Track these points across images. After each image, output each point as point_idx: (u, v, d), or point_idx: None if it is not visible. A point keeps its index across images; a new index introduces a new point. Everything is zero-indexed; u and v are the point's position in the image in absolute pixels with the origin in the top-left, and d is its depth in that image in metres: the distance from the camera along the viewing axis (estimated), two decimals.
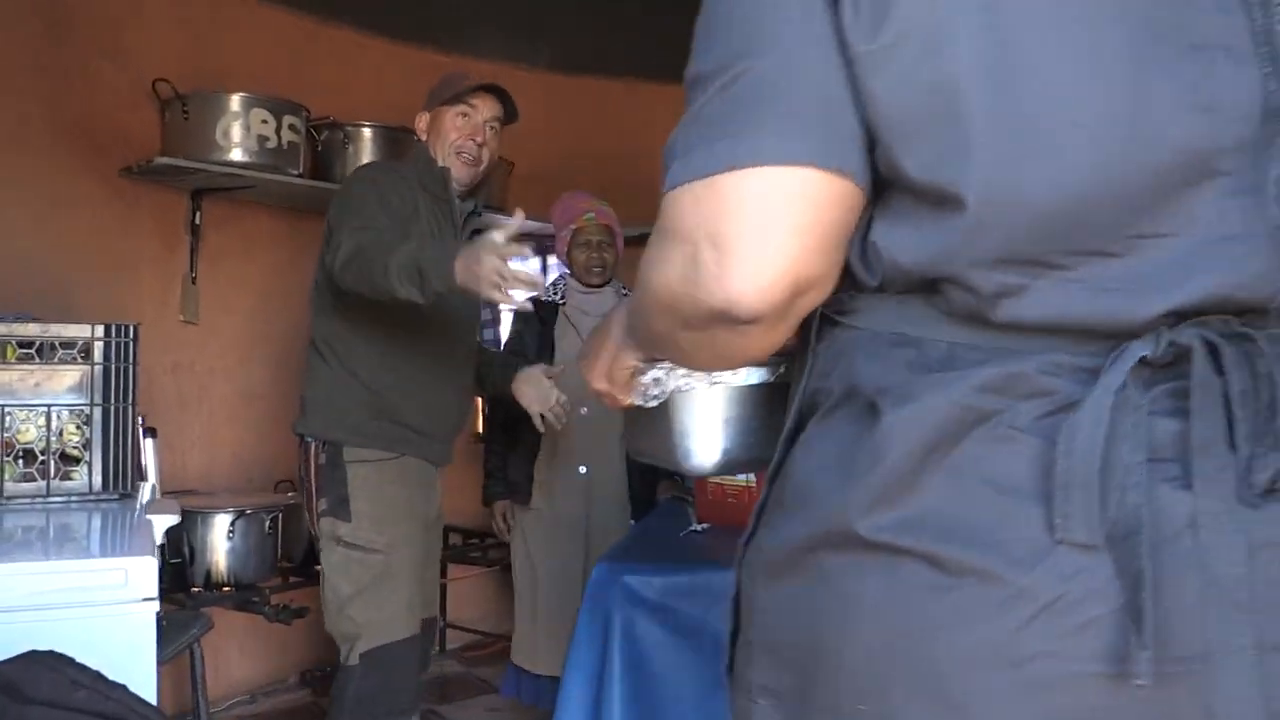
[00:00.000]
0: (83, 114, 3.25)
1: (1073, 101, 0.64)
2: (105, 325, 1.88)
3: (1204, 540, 0.65)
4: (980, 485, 0.67)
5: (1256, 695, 0.63)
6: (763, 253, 0.66)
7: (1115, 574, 0.64)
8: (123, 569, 1.29)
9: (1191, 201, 0.66)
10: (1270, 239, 0.66)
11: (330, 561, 2.26)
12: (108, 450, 1.88)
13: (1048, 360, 0.68)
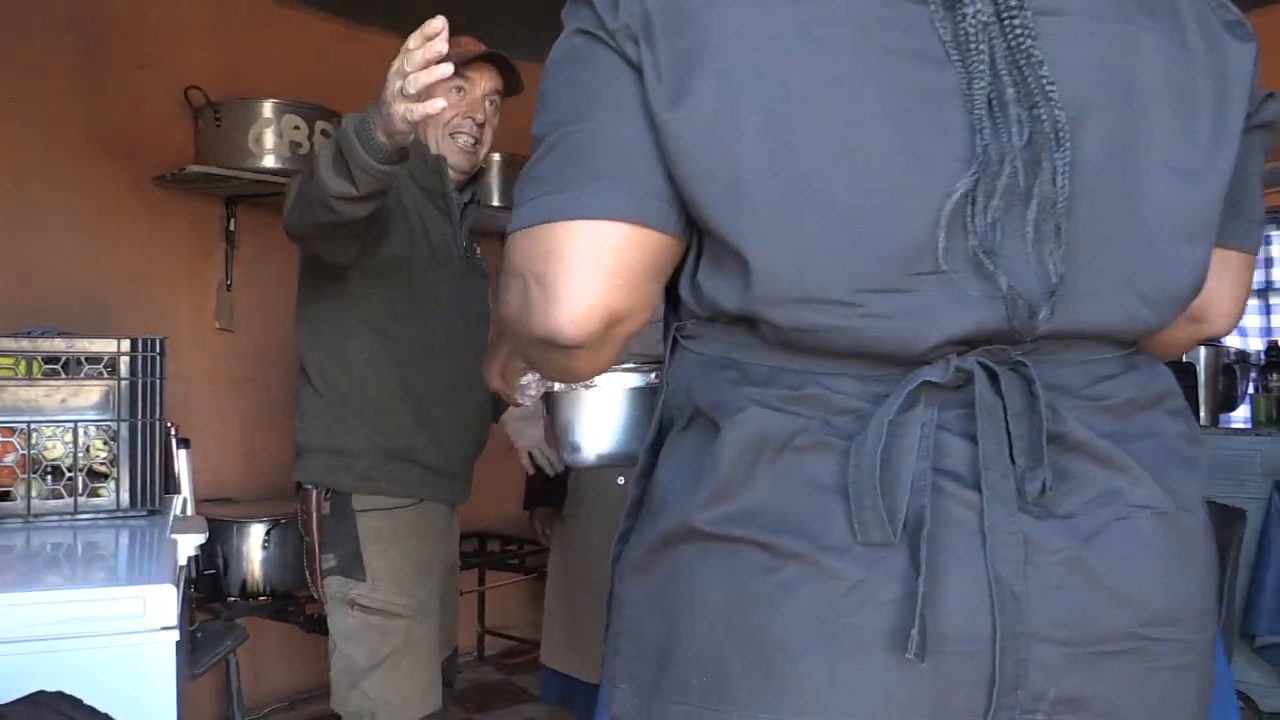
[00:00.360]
0: (118, 124, 3.25)
1: (839, 168, 0.75)
2: (131, 339, 1.84)
3: (990, 541, 0.76)
4: (802, 485, 0.78)
5: (1013, 673, 0.75)
6: (578, 291, 0.78)
7: (909, 565, 0.75)
8: (141, 597, 1.25)
9: (958, 244, 0.76)
10: (1034, 269, 0.78)
11: (342, 628, 1.93)
12: (135, 466, 1.85)
13: (851, 382, 0.79)
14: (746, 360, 0.83)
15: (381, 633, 1.90)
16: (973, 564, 0.76)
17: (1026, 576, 0.76)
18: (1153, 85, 0.81)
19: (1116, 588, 0.78)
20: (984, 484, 0.76)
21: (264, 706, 3.42)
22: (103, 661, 1.23)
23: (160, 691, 1.25)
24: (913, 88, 0.76)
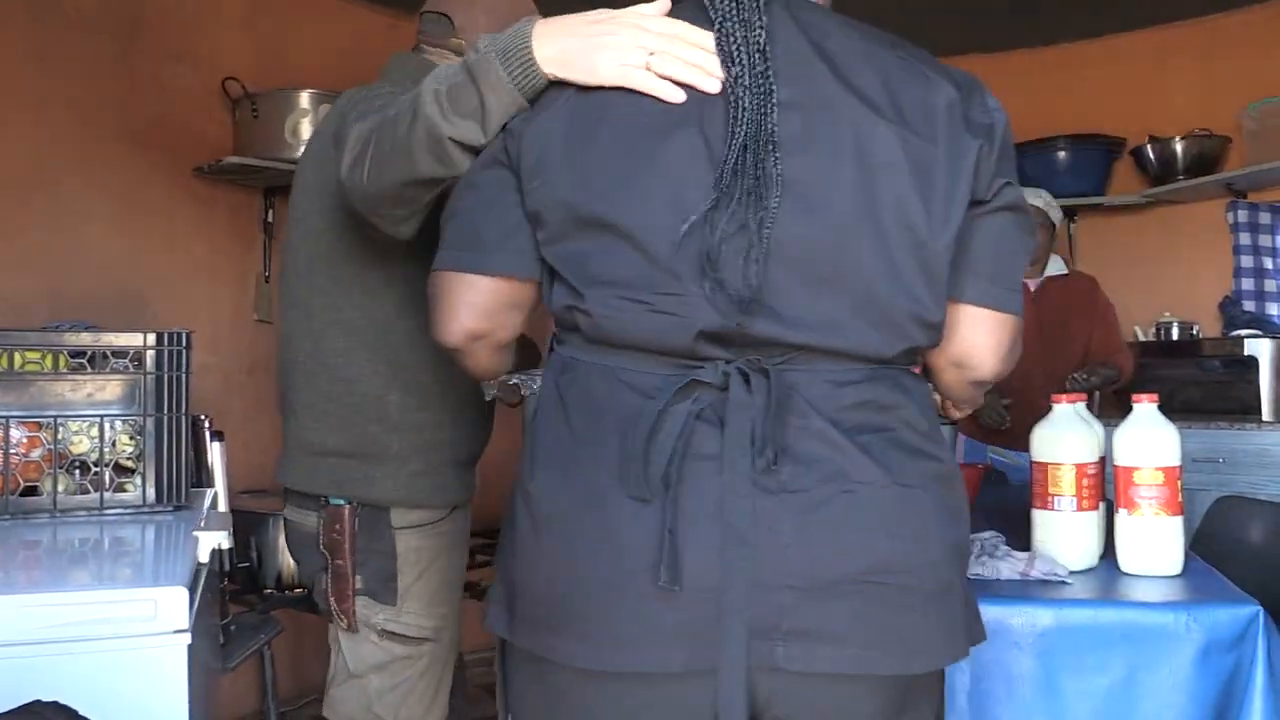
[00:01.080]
0: (154, 116, 3.26)
1: (624, 212, 1.04)
2: (157, 333, 1.82)
3: (726, 504, 1.00)
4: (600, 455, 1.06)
5: (749, 610, 1.00)
6: (448, 316, 1.14)
7: (661, 519, 1.00)
8: (152, 599, 1.22)
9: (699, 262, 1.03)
10: (745, 284, 1.02)
11: (359, 653, 1.69)
12: (161, 461, 1.83)
13: (643, 371, 1.07)
14: (579, 358, 1.12)
15: (404, 660, 1.69)
16: (710, 525, 1.01)
17: (759, 536, 1.00)
18: (891, 162, 1.04)
19: (840, 545, 1.02)
20: (724, 462, 1.01)
21: (303, 698, 3.42)
22: (113, 665, 1.21)
23: (172, 695, 1.22)
24: (680, 151, 1.04)
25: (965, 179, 1.07)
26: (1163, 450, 1.67)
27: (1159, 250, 4.28)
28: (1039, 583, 1.61)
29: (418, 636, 1.69)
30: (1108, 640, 1.47)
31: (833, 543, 1.02)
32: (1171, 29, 4.20)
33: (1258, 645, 1.45)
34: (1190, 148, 3.98)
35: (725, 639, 1.00)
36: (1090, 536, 1.71)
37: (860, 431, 1.05)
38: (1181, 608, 1.48)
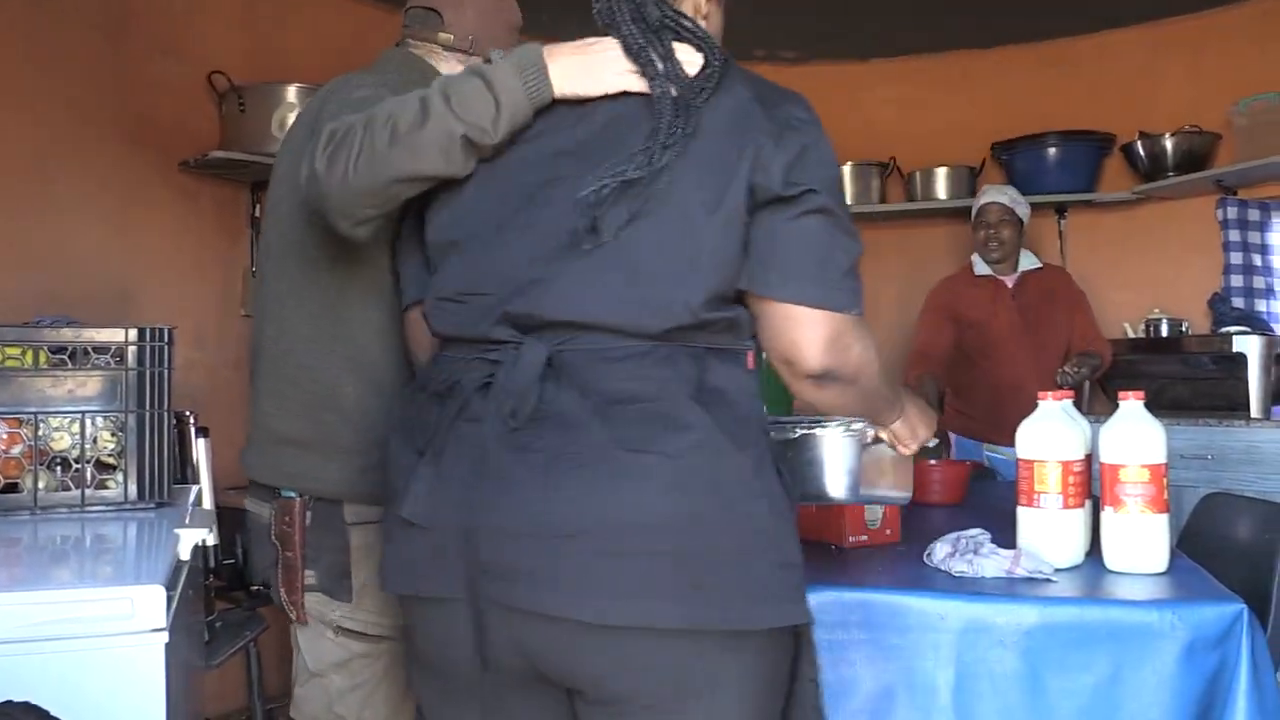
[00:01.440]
0: (142, 110, 3.24)
1: (463, 231, 1.28)
2: (139, 329, 1.81)
3: (479, 459, 1.17)
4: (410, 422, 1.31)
5: (484, 550, 1.16)
6: (411, 347, 1.50)
7: (431, 469, 1.21)
8: (129, 598, 1.21)
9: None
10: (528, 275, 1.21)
11: (318, 653, 1.66)
12: (143, 458, 1.82)
13: (456, 357, 1.27)
14: (440, 354, 1.34)
15: (363, 659, 1.65)
16: (463, 474, 1.17)
17: (500, 487, 1.15)
18: (685, 172, 1.16)
19: (563, 499, 1.12)
20: (484, 424, 1.17)
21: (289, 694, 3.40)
22: (90, 664, 1.20)
23: (149, 694, 1.21)
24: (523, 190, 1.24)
25: (744, 169, 1.17)
26: (1149, 448, 1.67)
27: (1149, 246, 4.28)
28: (1024, 580, 1.60)
29: (375, 634, 1.64)
30: (1092, 638, 1.47)
31: (557, 497, 1.13)
32: (1162, 25, 4.19)
33: (1242, 643, 1.45)
34: (1180, 144, 3.98)
35: (457, 573, 1.17)
36: (1076, 534, 1.71)
37: (615, 402, 1.15)
38: (1166, 606, 1.48)
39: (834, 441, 1.49)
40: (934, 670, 1.50)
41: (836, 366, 1.21)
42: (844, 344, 1.21)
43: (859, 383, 1.26)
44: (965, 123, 4.47)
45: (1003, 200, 3.53)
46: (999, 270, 3.57)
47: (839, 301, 1.20)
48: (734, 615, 1.14)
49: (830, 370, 1.21)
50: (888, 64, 4.61)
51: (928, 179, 4.42)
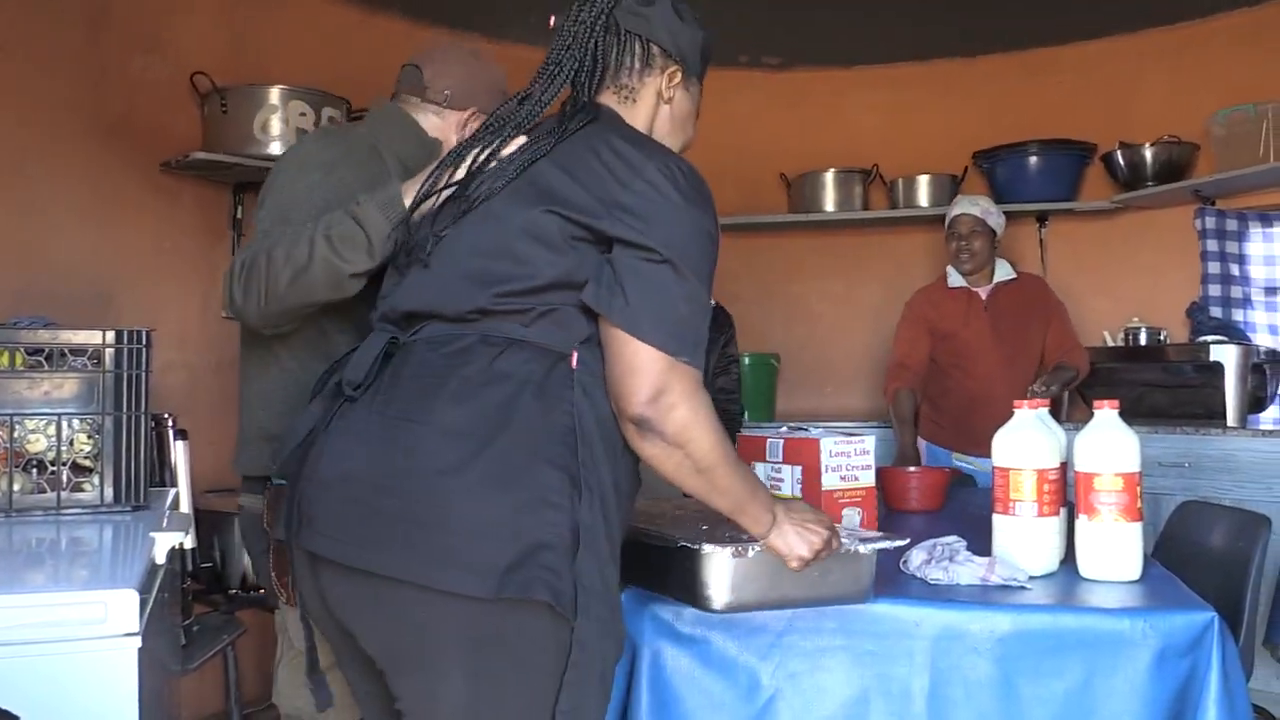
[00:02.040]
0: (122, 109, 3.22)
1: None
2: (116, 331, 1.80)
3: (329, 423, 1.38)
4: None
5: (300, 499, 1.35)
6: None
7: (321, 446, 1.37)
8: (103, 602, 1.20)
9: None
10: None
11: (300, 629, 1.59)
12: (120, 460, 1.81)
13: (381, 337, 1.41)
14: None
15: None
16: (320, 436, 1.36)
17: (324, 443, 1.34)
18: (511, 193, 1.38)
19: (338, 453, 1.32)
20: (360, 400, 1.35)
21: (266, 698, 3.38)
22: (63, 668, 1.19)
23: (122, 699, 1.20)
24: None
25: (563, 183, 1.33)
26: (1123, 456, 1.68)
27: (1128, 255, 4.31)
28: (999, 588, 1.61)
29: None
30: (1065, 646, 1.48)
31: (332, 449, 1.33)
32: (1142, 36, 4.23)
33: (1212, 652, 1.46)
34: (1159, 154, 4.02)
35: (290, 520, 1.36)
36: (1050, 542, 1.72)
37: (422, 376, 1.32)
38: (1138, 614, 1.49)
39: (709, 555, 1.43)
40: (909, 676, 1.51)
41: (655, 419, 1.27)
42: (669, 401, 1.27)
43: (686, 450, 1.29)
44: (948, 131, 4.50)
45: (974, 211, 3.52)
46: (972, 281, 3.56)
47: (661, 339, 1.27)
48: (438, 575, 1.22)
49: (649, 420, 1.27)
50: (871, 71, 4.63)
51: (910, 186, 4.44)
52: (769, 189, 4.64)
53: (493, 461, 1.25)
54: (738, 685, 1.55)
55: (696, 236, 1.33)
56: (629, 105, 1.51)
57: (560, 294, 1.32)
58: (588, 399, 1.30)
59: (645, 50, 1.50)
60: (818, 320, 4.73)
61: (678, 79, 1.53)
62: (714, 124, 4.57)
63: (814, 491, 1.91)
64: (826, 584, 1.49)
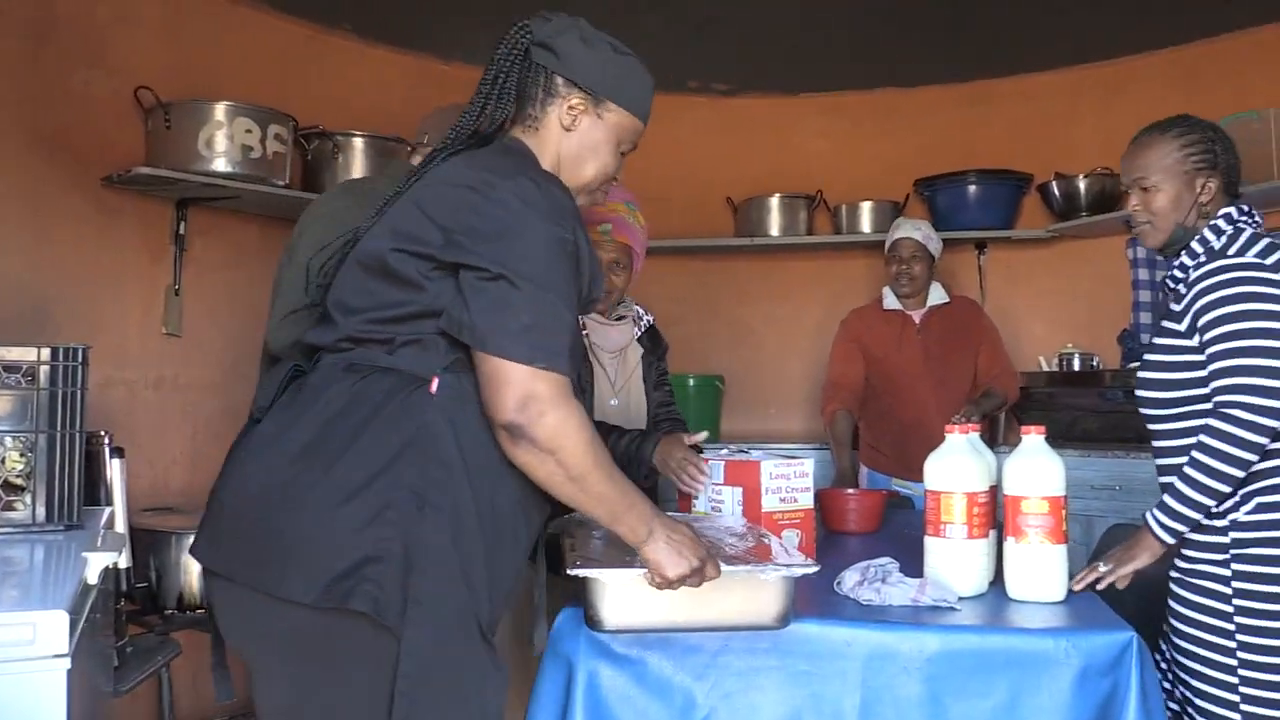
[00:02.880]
0: (63, 123, 3.18)
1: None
2: (52, 348, 1.78)
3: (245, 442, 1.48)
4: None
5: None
6: None
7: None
8: (31, 623, 1.19)
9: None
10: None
11: None
12: (53, 480, 1.78)
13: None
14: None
15: None
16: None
17: (226, 463, 1.47)
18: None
19: (236, 472, 1.44)
20: (267, 418, 1.46)
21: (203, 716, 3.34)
22: None
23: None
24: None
25: (412, 220, 1.41)
26: (1048, 481, 1.74)
27: (1063, 283, 4.42)
28: (929, 609, 1.65)
29: None
30: (992, 665, 1.52)
31: (230, 469, 1.45)
32: (1076, 71, 4.36)
33: (1132, 671, 1.51)
34: (1093, 185, 4.13)
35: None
36: (980, 563, 1.77)
37: (298, 402, 1.43)
38: (1061, 634, 1.54)
39: (604, 577, 1.49)
40: (840, 696, 1.54)
41: (526, 425, 1.32)
42: (537, 408, 1.32)
43: (557, 456, 1.34)
44: (890, 158, 4.59)
45: (915, 236, 3.56)
46: (908, 305, 3.60)
47: (514, 350, 1.32)
48: (275, 582, 1.32)
49: (519, 426, 1.32)
50: (817, 99, 4.72)
51: (853, 212, 4.52)
52: (715, 213, 4.70)
53: (336, 480, 1.32)
54: (673, 705, 1.57)
55: (544, 247, 1.37)
56: (534, 134, 1.57)
57: (423, 323, 1.39)
58: (449, 422, 1.36)
59: (549, 81, 1.55)
60: (762, 342, 4.78)
61: (580, 107, 1.56)
62: (662, 148, 4.63)
63: (755, 512, 1.94)
64: (731, 609, 1.52)
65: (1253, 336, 1.75)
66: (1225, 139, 1.98)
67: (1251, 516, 1.79)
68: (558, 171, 1.57)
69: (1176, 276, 1.95)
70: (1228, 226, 1.91)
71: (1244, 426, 1.73)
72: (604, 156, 1.60)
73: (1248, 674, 1.76)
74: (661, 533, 1.43)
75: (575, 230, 1.42)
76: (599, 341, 2.45)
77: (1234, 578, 1.79)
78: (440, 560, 1.32)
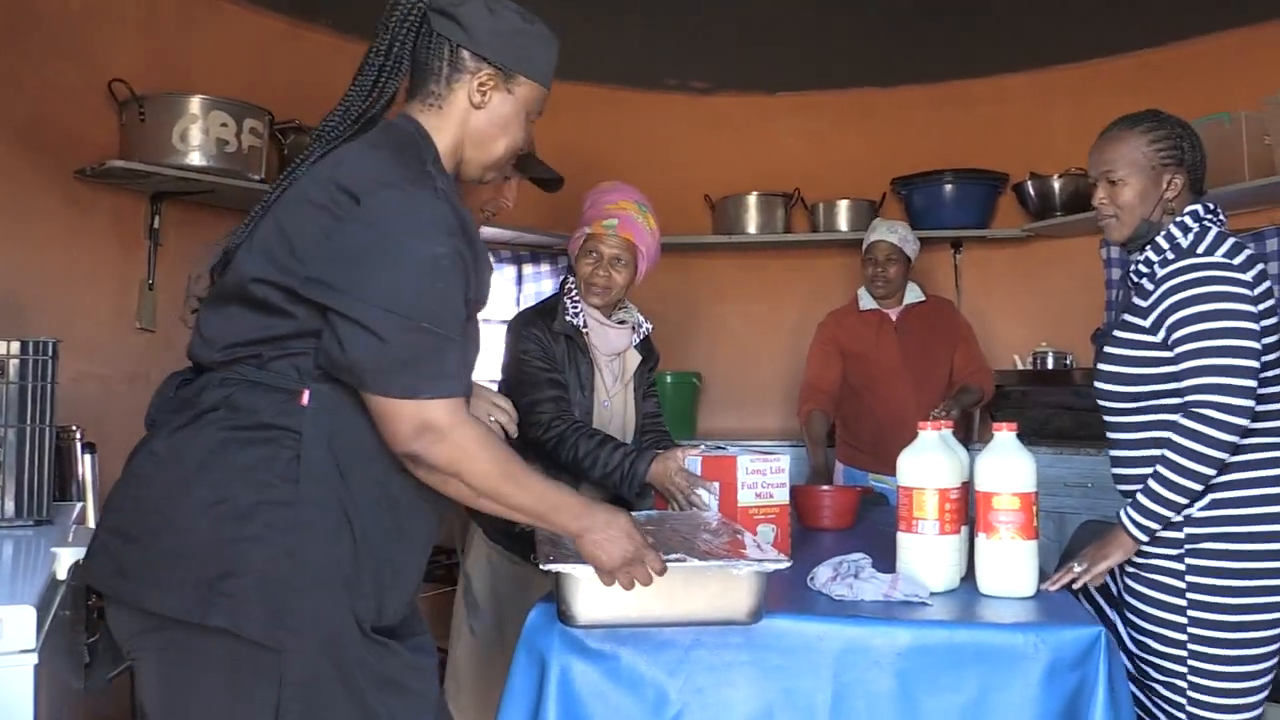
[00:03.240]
0: (36, 115, 3.15)
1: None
2: (21, 342, 1.77)
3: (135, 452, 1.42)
4: None
5: None
6: None
7: None
8: None
9: None
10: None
11: None
12: (22, 474, 1.77)
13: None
14: None
15: None
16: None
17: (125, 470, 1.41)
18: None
19: (120, 483, 1.39)
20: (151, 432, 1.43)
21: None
22: None
23: (17, 717, 1.18)
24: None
25: (272, 246, 1.34)
26: (1020, 477, 1.75)
27: (1038, 282, 4.46)
28: (901, 604, 1.66)
29: None
30: (962, 659, 1.53)
31: (119, 480, 1.40)
32: (1050, 72, 4.39)
33: (1099, 665, 1.53)
34: (1067, 185, 4.16)
35: None
36: (952, 559, 1.78)
37: (176, 415, 1.38)
38: (1031, 629, 1.55)
39: (576, 572, 1.49)
40: (812, 690, 1.55)
41: (422, 453, 1.30)
42: (430, 437, 1.30)
43: (461, 478, 1.33)
44: (867, 158, 4.61)
45: (891, 239, 3.55)
46: (884, 305, 3.61)
47: (406, 389, 1.28)
48: (146, 594, 1.29)
49: (416, 456, 1.31)
50: (795, 98, 4.73)
51: (830, 211, 4.54)
52: (694, 210, 4.71)
53: (204, 492, 1.29)
54: (645, 700, 1.57)
55: (414, 273, 1.29)
56: (435, 112, 1.47)
57: (291, 342, 1.35)
58: (321, 431, 1.32)
59: (454, 55, 1.45)
60: (739, 340, 4.80)
61: (491, 84, 1.47)
62: (641, 146, 4.65)
63: (731, 507, 1.95)
64: (703, 604, 1.52)
65: (1223, 336, 1.79)
66: (1193, 136, 2.01)
67: (1206, 513, 1.83)
68: (460, 150, 1.49)
69: (1141, 271, 1.97)
70: (1194, 224, 1.93)
71: (1216, 426, 1.77)
72: (514, 131, 1.52)
73: (1197, 664, 1.82)
74: (595, 527, 1.42)
75: (452, 238, 1.33)
76: (597, 343, 2.44)
77: (1188, 572, 1.84)
78: (307, 568, 1.28)
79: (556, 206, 4.45)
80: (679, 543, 1.62)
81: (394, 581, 1.38)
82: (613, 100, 4.63)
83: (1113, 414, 2.01)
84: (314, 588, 1.28)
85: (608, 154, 4.60)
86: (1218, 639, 1.81)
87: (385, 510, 1.37)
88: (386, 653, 1.35)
